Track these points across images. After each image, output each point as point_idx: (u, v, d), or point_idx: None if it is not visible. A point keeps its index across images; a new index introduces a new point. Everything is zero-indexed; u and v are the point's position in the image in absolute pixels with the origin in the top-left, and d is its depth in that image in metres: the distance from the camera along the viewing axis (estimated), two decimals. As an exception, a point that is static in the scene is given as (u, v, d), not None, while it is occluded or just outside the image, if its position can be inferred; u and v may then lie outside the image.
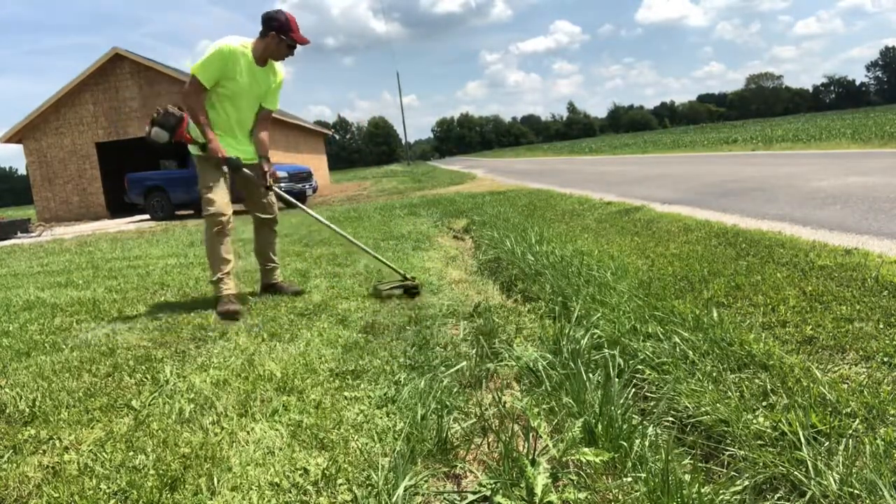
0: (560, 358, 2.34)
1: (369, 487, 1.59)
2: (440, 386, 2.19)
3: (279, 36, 3.58)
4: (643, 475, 1.52)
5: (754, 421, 1.76)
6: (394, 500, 1.50)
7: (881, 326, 2.39)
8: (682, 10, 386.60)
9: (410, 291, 3.78)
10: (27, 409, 2.25)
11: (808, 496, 1.44)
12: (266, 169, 3.80)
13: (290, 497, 1.59)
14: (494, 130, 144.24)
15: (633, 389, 2.13)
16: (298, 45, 3.68)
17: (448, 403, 2.06)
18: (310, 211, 4.04)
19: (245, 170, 3.66)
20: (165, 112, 3.58)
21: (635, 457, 1.63)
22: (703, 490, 1.45)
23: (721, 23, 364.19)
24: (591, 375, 2.16)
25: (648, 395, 2.11)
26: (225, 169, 3.68)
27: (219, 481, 1.66)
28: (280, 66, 3.80)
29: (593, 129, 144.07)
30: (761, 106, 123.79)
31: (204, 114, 3.57)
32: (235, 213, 3.79)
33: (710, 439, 1.77)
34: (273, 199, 3.97)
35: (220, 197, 3.64)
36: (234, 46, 3.55)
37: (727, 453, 1.68)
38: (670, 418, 1.93)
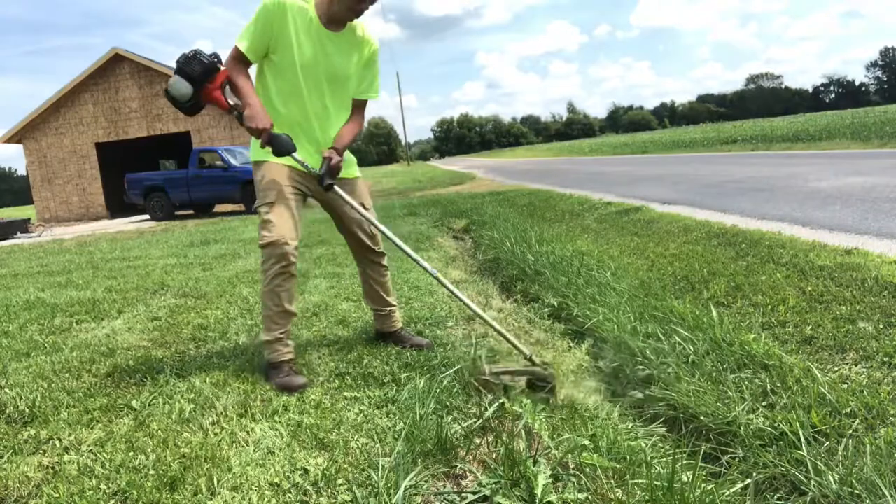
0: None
1: (369, 487, 1.59)
2: (440, 386, 2.19)
3: None
4: (643, 474, 1.52)
5: (754, 421, 1.76)
6: (394, 500, 1.50)
7: (881, 326, 2.39)
8: (678, 11, 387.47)
9: (538, 384, 2.21)
10: (27, 410, 2.25)
11: (808, 496, 1.44)
12: (328, 159, 2.43)
13: (290, 497, 1.59)
14: (494, 131, 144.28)
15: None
16: None
17: (448, 403, 2.06)
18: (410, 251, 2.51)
19: (296, 158, 2.39)
20: (191, 56, 2.46)
21: (637, 459, 1.63)
22: (704, 490, 1.45)
23: (718, 24, 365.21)
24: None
25: (649, 395, 2.11)
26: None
27: (219, 481, 1.66)
28: (369, 34, 2.56)
29: (593, 130, 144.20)
30: (761, 106, 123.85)
31: (249, 80, 2.47)
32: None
33: (709, 440, 1.77)
34: (374, 227, 2.65)
35: (282, 218, 2.41)
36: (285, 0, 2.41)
37: (727, 453, 1.68)
38: (670, 417, 1.93)
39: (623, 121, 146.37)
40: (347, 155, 2.62)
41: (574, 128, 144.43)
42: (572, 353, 2.66)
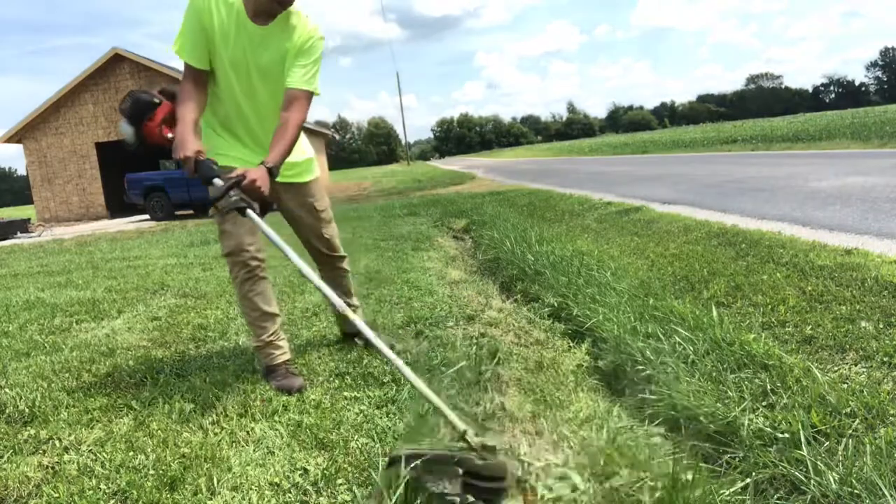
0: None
1: (369, 487, 1.59)
2: (440, 386, 2.19)
3: None
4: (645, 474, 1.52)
5: (754, 421, 1.76)
6: (394, 500, 1.50)
7: (881, 326, 2.39)
8: (678, 11, 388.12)
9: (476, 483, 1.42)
10: (27, 410, 2.25)
11: (808, 496, 1.44)
12: (240, 178, 2.08)
13: (290, 497, 1.59)
14: (494, 131, 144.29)
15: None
16: None
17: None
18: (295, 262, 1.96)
19: (218, 181, 2.10)
20: (130, 96, 2.43)
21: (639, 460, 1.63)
22: (704, 490, 1.45)
23: (718, 24, 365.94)
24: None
25: (650, 395, 2.11)
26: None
27: (219, 481, 1.66)
28: (306, 23, 2.38)
29: (593, 130, 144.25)
30: (761, 106, 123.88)
31: (189, 103, 2.29)
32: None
33: (709, 439, 1.77)
34: (330, 228, 2.70)
35: (236, 225, 2.34)
36: None
37: (727, 453, 1.68)
38: (670, 417, 1.93)
39: (623, 121, 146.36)
40: (303, 156, 2.53)
41: (574, 128, 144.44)
42: (572, 352, 2.66)
